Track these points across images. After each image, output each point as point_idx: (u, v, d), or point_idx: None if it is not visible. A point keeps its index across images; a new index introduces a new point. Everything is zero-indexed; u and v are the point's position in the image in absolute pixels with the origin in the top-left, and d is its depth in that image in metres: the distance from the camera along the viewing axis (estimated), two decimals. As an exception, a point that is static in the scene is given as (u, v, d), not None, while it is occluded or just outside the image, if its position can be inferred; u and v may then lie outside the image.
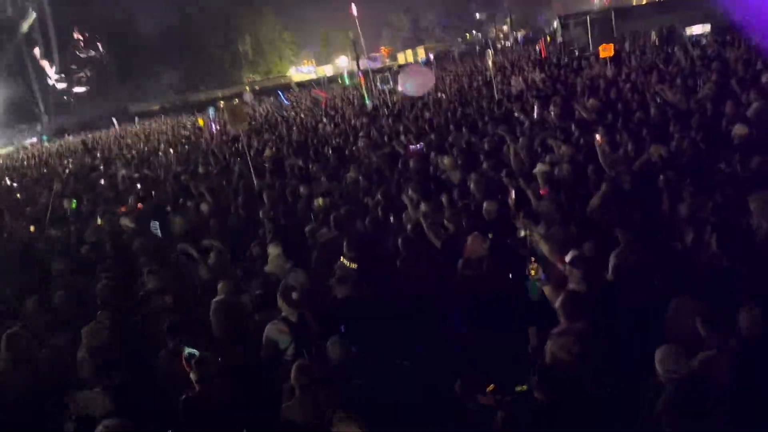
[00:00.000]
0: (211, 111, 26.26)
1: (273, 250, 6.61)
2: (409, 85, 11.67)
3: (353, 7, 27.86)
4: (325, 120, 19.05)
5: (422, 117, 15.10)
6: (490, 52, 19.18)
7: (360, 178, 9.48)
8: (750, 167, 6.33)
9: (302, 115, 23.00)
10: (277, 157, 13.84)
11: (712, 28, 23.26)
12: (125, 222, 9.14)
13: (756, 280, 4.18)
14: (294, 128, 19.04)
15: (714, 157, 7.07)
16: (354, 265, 5.67)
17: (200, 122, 27.53)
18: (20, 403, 4.59)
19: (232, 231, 8.64)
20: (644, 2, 48.38)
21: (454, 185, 8.16)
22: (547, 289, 4.46)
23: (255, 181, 10.56)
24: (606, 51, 15.05)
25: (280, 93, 32.82)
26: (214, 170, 13.74)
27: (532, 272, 4.46)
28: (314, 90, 25.11)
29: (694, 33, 23.29)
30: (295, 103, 31.26)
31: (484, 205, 6.74)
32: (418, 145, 11.22)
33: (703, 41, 21.06)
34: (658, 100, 10.38)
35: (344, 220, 7.17)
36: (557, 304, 4.11)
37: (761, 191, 5.11)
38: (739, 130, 7.81)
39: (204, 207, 9.90)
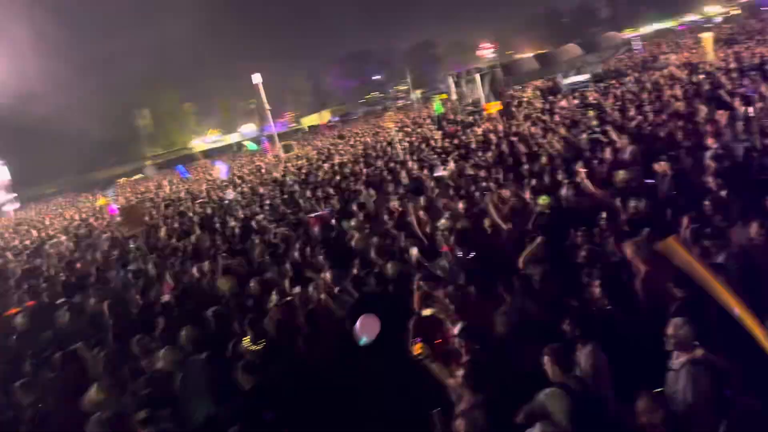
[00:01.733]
0: (110, 191, 25.18)
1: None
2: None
3: (254, 78, 28.04)
4: (229, 191, 18.72)
5: (329, 181, 15.20)
6: (389, 114, 19.79)
7: (262, 251, 9.25)
8: (630, 211, 6.72)
9: (205, 187, 22.53)
10: (181, 232, 13.35)
11: (590, 77, 25.26)
12: (18, 321, 8.38)
13: (631, 320, 4.41)
14: (198, 202, 18.56)
15: (599, 203, 7.51)
16: (257, 348, 5.41)
17: (101, 202, 26.27)
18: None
19: (130, 321, 8.11)
20: (528, 56, 51.91)
21: (359, 250, 8.14)
22: (435, 367, 4.38)
23: (152, 264, 10.07)
24: (496, 106, 15.92)
25: (181, 167, 32.09)
26: (113, 256, 13.02)
27: (417, 350, 4.38)
28: (217, 161, 24.76)
29: (574, 81, 25.20)
30: (199, 175, 30.67)
31: (388, 266, 6.73)
32: (325, 210, 11.20)
33: (583, 88, 22.77)
34: (547, 150, 10.99)
35: (242, 301, 6.90)
36: (456, 379, 4.07)
37: (638, 235, 5.43)
38: (620, 175, 8.36)
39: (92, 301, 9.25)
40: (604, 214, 6.45)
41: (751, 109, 9.53)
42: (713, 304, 3.50)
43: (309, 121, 75.48)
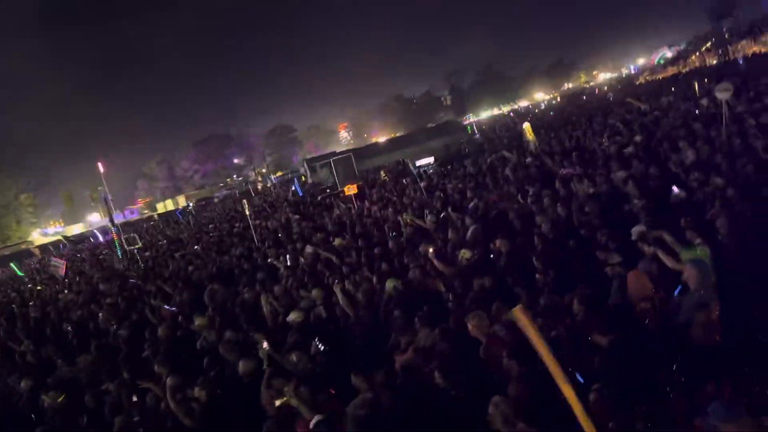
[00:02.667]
0: None
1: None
2: None
3: (100, 165, 26.49)
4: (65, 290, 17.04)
5: (178, 273, 14.41)
6: (245, 202, 19.55)
7: (99, 359, 8.39)
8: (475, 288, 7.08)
9: (39, 288, 20.32)
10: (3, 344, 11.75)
11: (435, 160, 27.03)
12: None
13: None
14: (31, 303, 16.59)
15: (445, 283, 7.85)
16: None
17: None
18: None
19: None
20: (381, 140, 54.66)
21: (209, 348, 7.68)
22: None
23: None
24: (350, 189, 16.38)
25: (12, 264, 28.90)
26: None
27: None
28: (54, 258, 22.55)
29: (422, 164, 26.82)
30: (35, 272, 27.68)
31: (240, 365, 6.40)
32: (171, 308, 10.52)
33: (430, 171, 24.22)
34: (394, 233, 11.39)
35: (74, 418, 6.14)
36: None
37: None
38: (464, 254, 8.84)
39: None
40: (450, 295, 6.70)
41: (573, 187, 10.68)
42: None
43: (164, 207, 72.35)
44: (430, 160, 27.30)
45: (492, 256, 8.49)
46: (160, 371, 6.79)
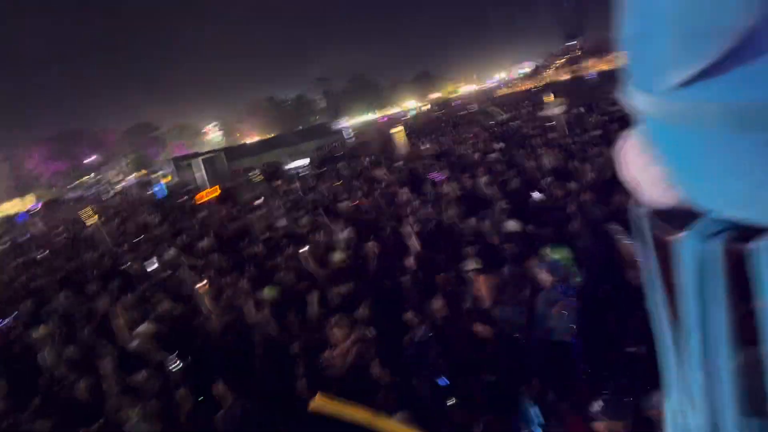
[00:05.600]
0: None
1: None
2: None
3: None
4: None
5: (18, 282, 12.84)
6: (89, 208, 17.95)
7: None
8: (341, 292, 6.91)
9: None
10: None
11: (309, 162, 26.74)
12: None
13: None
14: None
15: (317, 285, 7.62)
16: None
17: None
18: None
19: None
20: (253, 140, 53.35)
21: (48, 365, 6.80)
22: None
23: None
24: (210, 193, 15.59)
25: None
26: None
27: None
28: None
29: (296, 166, 26.41)
30: None
31: (80, 385, 5.71)
32: (4, 320, 9.28)
33: (304, 172, 23.90)
34: (266, 236, 10.97)
35: None
36: None
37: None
38: (337, 257, 8.68)
39: None
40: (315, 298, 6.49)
41: (441, 189, 10.94)
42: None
43: (8, 208, 65.22)
44: (305, 161, 26.97)
45: (364, 258, 8.41)
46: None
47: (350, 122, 76.47)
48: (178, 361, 5.69)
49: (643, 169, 0.54)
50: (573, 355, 4.23)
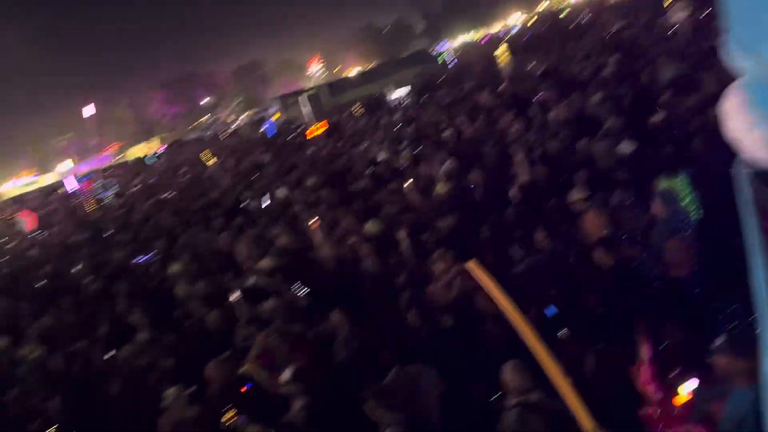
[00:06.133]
0: None
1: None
2: None
3: (85, 110, 25.21)
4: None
5: (151, 221, 14.09)
6: (207, 151, 18.97)
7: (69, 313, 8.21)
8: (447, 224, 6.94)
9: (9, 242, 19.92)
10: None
11: (410, 90, 26.38)
12: None
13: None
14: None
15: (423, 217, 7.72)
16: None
17: None
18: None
19: None
20: (353, 72, 53.36)
21: (182, 299, 7.53)
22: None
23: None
24: (319, 128, 15.91)
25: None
26: None
27: (229, 419, 4.04)
28: (21, 213, 21.96)
29: (397, 96, 26.20)
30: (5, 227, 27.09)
31: (211, 316, 6.28)
32: (145, 257, 10.29)
33: (405, 101, 23.69)
34: (370, 169, 11.13)
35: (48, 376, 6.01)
36: None
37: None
38: (440, 188, 8.68)
39: None
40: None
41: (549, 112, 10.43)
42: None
43: (136, 152, 70.74)
44: (406, 90, 26.66)
45: (468, 189, 8.34)
46: (134, 323, 6.65)
47: (451, 45, 74.01)
48: (299, 292, 6.06)
49: (747, 130, 0.53)
50: (689, 290, 4.01)
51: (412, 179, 9.34)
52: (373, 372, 4.56)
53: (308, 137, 18.54)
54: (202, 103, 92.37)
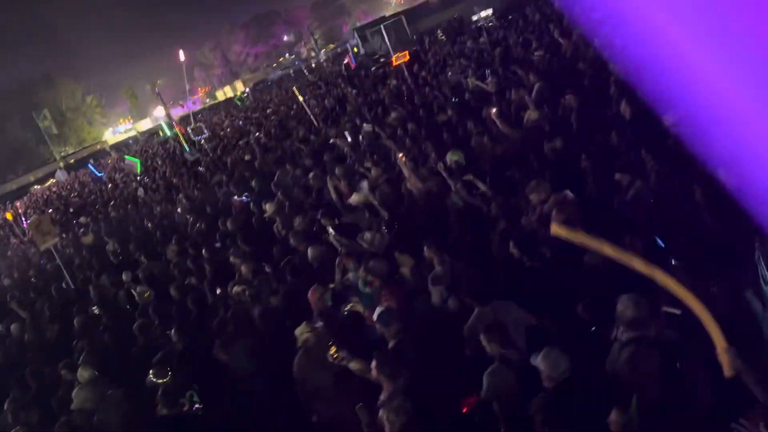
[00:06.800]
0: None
1: (83, 373, 5.66)
2: None
3: (181, 54, 25.90)
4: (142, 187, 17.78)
5: (245, 161, 14.54)
6: (294, 89, 19.02)
7: (181, 251, 8.75)
8: (553, 150, 6.63)
9: (120, 184, 21.36)
10: (96, 243, 12.55)
11: (494, 12, 25.07)
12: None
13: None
14: (112, 203, 17.53)
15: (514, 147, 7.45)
16: (164, 380, 4.99)
17: (8, 216, 24.51)
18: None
19: (47, 349, 7.59)
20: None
21: (279, 235, 7.81)
22: (354, 366, 4.18)
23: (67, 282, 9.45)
24: (400, 58, 15.49)
25: (91, 165, 30.30)
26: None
27: (332, 354, 4.15)
28: (128, 155, 23.37)
29: (480, 18, 25.00)
30: (112, 170, 29.08)
31: (309, 251, 6.46)
32: (242, 197, 10.68)
33: (489, 24, 22.57)
34: (455, 99, 10.80)
35: (167, 313, 6.48)
36: (373, 372, 3.89)
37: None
38: (531, 115, 8.28)
39: (14, 327, 8.72)
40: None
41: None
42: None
43: (223, 94, 72.73)
44: (488, 11, 25.38)
45: (561, 114, 7.92)
46: (235, 261, 6.98)
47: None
48: (393, 225, 6.10)
49: None
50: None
51: (500, 106, 8.99)
52: (465, 308, 4.56)
53: (390, 68, 18.19)
54: (283, 39, 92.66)
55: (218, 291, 6.64)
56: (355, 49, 32.91)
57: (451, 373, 4.05)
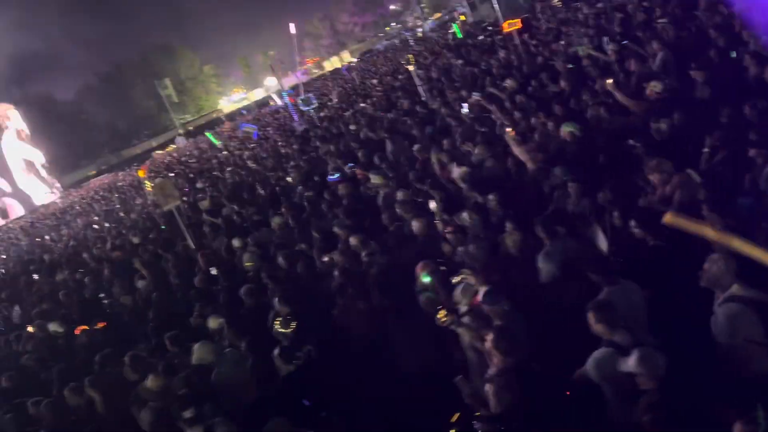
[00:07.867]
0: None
1: (213, 324, 6.16)
2: None
3: (291, 27, 26.76)
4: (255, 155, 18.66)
5: (348, 132, 14.83)
6: (410, 57, 18.88)
7: (288, 220, 9.12)
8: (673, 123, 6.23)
9: (235, 152, 22.54)
10: (214, 207, 13.37)
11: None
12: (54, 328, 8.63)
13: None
14: (228, 169, 18.58)
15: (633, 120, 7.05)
16: (288, 330, 5.33)
17: (140, 174, 26.64)
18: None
19: (174, 305, 8.27)
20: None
21: (385, 207, 7.92)
22: (463, 332, 4.18)
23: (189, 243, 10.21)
24: (512, 25, 14.93)
25: (208, 134, 32.08)
26: (153, 236, 13.28)
27: (441, 317, 4.19)
28: (244, 123, 24.50)
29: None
30: (228, 138, 30.71)
31: (413, 223, 6.52)
32: (348, 166, 10.91)
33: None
34: (570, 66, 10.32)
35: (276, 276, 6.83)
36: (487, 344, 3.88)
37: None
38: (653, 87, 7.74)
39: (141, 283, 9.54)
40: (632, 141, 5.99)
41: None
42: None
43: (331, 64, 74.02)
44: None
45: (686, 86, 7.35)
46: (340, 231, 7.18)
47: None
48: (495, 201, 6.02)
49: None
50: None
51: (620, 77, 8.49)
52: (578, 289, 4.42)
53: (500, 36, 17.63)
54: (390, 7, 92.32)
55: (326, 259, 6.88)
56: (463, 17, 32.17)
57: (560, 353, 3.99)
